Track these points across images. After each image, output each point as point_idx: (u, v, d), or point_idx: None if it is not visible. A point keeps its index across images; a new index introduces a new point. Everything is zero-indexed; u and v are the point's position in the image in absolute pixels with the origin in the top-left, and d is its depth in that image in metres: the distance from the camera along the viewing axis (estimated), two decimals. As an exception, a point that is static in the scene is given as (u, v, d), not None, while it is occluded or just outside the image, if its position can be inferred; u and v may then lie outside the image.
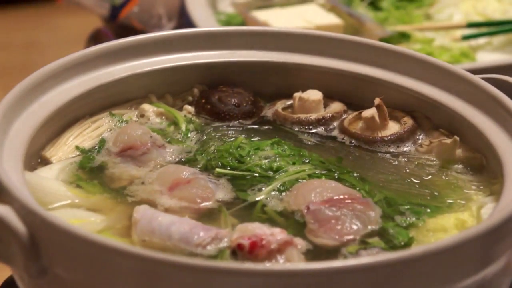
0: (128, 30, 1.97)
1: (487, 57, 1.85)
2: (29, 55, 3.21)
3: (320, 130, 1.23)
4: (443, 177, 1.13)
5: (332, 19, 1.87)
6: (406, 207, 1.06)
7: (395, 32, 1.87)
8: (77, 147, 1.14)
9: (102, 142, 1.16)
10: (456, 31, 1.92)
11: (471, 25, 1.92)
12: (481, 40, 1.90)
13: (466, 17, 1.97)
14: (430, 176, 1.13)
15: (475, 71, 1.20)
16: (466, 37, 1.88)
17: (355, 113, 1.24)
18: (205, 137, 1.19)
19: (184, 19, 1.93)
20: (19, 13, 3.57)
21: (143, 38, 1.23)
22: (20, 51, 3.28)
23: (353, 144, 1.19)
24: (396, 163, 1.16)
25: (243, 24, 1.91)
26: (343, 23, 1.87)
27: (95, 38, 2.03)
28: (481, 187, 1.10)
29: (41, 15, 3.52)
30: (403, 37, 1.88)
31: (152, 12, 2.00)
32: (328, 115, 1.23)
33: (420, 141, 1.19)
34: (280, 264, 0.93)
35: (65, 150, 1.13)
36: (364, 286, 0.86)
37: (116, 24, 2.03)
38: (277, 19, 1.88)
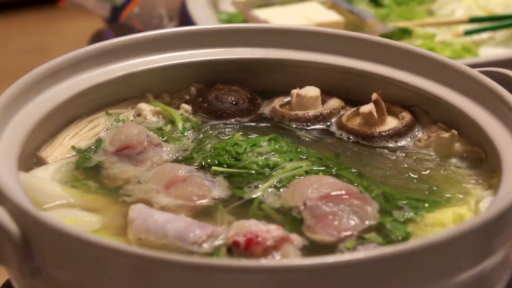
0: (129, 31, 1.97)
1: (490, 52, 1.84)
2: (33, 59, 3.22)
3: (318, 126, 1.22)
4: (442, 172, 1.12)
5: (333, 16, 1.87)
6: (404, 202, 1.05)
7: (396, 28, 1.86)
8: (73, 147, 1.14)
9: (98, 141, 1.15)
10: (459, 26, 1.91)
11: (473, 20, 1.91)
12: (484, 35, 1.89)
13: (468, 12, 1.96)
14: (428, 171, 1.12)
15: (477, 66, 1.19)
16: (468, 32, 1.87)
17: (353, 109, 1.23)
18: (202, 135, 1.18)
19: (185, 19, 1.93)
20: (23, 18, 3.58)
21: (139, 37, 1.22)
22: (25, 55, 3.29)
23: (351, 140, 1.18)
24: (394, 158, 1.15)
25: (244, 23, 1.91)
26: (344, 20, 1.86)
27: (97, 40, 2.02)
28: (480, 181, 1.09)
29: (44, 19, 3.53)
30: (405, 33, 1.87)
31: (153, 12, 2.00)
32: (326, 111, 1.23)
33: (418, 135, 1.18)
34: (275, 260, 0.92)
35: (61, 150, 1.13)
36: (360, 281, 0.85)
37: (118, 25, 2.03)
38: (278, 17, 1.87)
